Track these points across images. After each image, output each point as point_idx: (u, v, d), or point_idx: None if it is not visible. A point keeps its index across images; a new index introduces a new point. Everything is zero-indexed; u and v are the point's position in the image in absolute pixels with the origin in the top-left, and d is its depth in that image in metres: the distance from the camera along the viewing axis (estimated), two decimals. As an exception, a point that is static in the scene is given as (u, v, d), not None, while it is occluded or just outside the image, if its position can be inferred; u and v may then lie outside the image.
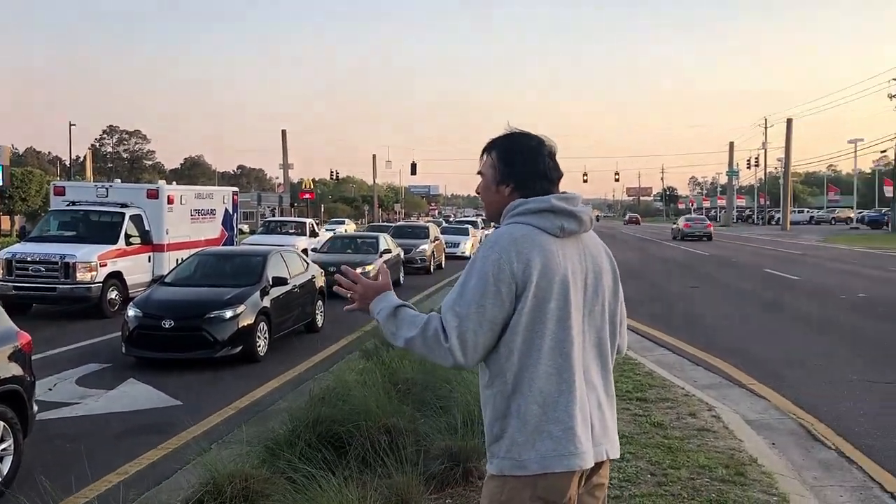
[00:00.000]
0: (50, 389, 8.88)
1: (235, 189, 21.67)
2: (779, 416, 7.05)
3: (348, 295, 2.48)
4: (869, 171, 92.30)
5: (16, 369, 5.95)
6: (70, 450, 6.83)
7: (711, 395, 7.60)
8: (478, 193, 2.49)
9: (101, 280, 14.59)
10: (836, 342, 11.22)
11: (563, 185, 2.44)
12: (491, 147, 2.44)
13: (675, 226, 51.98)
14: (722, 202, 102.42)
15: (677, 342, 11.00)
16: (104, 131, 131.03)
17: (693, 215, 62.53)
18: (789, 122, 71.25)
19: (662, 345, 10.85)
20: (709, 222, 50.31)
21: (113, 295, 14.92)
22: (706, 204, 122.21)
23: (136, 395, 8.79)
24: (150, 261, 16.40)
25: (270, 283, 11.42)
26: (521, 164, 2.38)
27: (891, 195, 62.56)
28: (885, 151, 66.47)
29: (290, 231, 28.36)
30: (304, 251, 23.01)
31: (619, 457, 2.42)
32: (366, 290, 2.44)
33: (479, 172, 2.48)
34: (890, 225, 59.69)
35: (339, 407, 5.57)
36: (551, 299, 2.24)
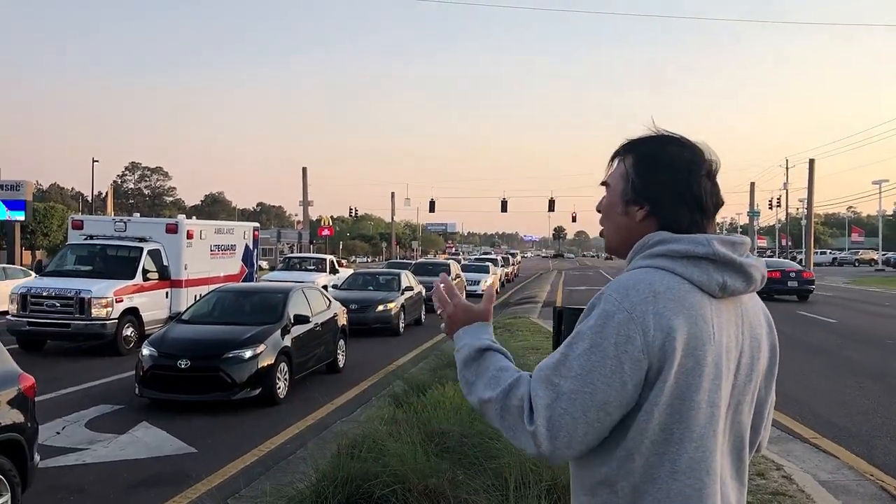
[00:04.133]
0: (58, 433, 8.36)
1: (256, 224, 21.25)
2: (855, 476, 6.36)
3: (439, 312, 1.86)
4: (891, 212, 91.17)
5: (16, 416, 5.40)
6: (74, 502, 6.28)
7: (774, 451, 6.92)
8: (599, 212, 1.81)
9: (117, 316, 14.13)
10: (886, 392, 10.47)
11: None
12: (627, 150, 1.75)
13: None
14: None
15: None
16: (126, 168, 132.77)
17: None
18: (811, 162, 70.44)
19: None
20: None
21: (129, 332, 14.44)
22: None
23: (148, 440, 8.22)
24: (167, 297, 15.95)
25: (292, 321, 10.89)
26: (665, 180, 1.68)
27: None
28: (911, 192, 65.55)
29: (311, 268, 27.91)
30: (325, 288, 22.55)
31: None
32: (455, 312, 1.81)
33: (603, 183, 1.79)
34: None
35: (370, 463, 4.97)
36: (700, 388, 1.55)
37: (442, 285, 1.86)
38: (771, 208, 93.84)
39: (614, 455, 1.57)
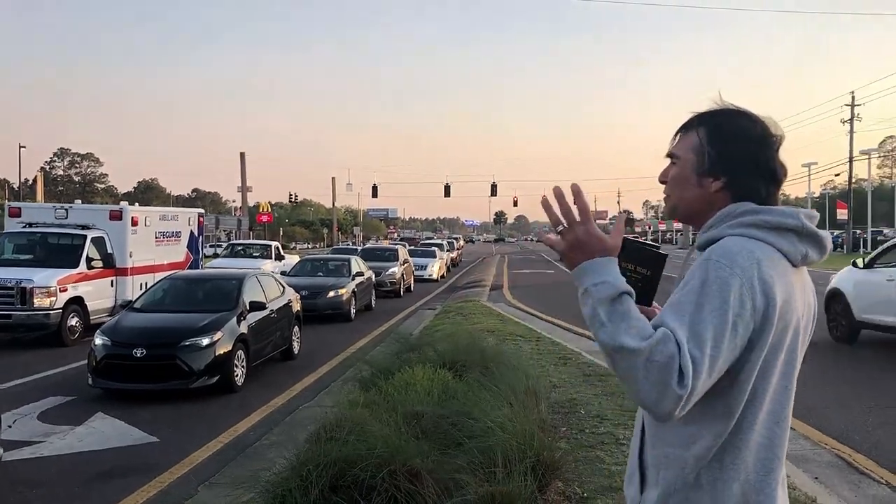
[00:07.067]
0: (9, 426, 8.07)
1: (201, 211, 20.83)
2: (811, 446, 6.63)
3: (559, 229, 1.66)
4: (818, 194, 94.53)
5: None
6: (36, 497, 6.10)
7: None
8: (662, 182, 1.83)
9: (61, 306, 13.69)
10: (833, 364, 10.94)
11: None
12: (699, 122, 1.77)
13: None
14: (678, 225, 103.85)
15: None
16: (55, 154, 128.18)
17: None
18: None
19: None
20: None
21: (73, 322, 14.02)
22: (662, 227, 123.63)
23: (106, 431, 8.03)
24: (112, 286, 15.52)
25: (248, 308, 10.74)
26: (742, 154, 1.73)
27: (844, 217, 63.93)
28: (838, 174, 68.05)
29: (255, 254, 27.49)
30: (272, 275, 22.25)
31: None
32: (588, 240, 1.63)
33: (669, 154, 1.82)
34: (845, 247, 60.86)
35: (352, 445, 4.96)
36: (783, 349, 1.66)
37: (574, 198, 1.65)
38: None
39: (717, 409, 1.63)
